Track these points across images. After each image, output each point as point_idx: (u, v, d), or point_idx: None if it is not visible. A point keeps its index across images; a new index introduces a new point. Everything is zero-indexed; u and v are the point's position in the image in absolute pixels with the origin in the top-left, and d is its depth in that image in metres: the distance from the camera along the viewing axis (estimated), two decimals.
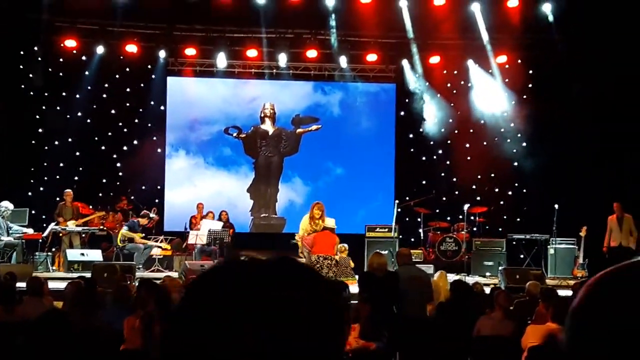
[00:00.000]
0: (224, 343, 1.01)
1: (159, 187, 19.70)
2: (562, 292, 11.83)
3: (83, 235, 16.61)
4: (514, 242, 17.44)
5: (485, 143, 19.57)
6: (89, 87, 19.25)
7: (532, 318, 8.55)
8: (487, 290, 11.16)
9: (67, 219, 16.52)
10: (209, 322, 1.03)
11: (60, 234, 16.48)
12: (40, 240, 16.15)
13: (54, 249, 16.54)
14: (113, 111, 19.55)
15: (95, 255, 15.62)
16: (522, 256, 17.30)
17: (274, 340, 1.00)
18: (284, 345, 1.00)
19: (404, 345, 9.19)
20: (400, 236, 16.97)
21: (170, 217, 19.13)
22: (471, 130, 19.73)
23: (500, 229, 18.43)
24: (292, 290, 1.05)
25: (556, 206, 16.53)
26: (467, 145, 19.74)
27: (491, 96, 19.55)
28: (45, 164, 19.15)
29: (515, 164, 19.47)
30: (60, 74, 19.18)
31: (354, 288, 12.35)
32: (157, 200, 19.16)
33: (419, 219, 18.16)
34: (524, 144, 19.41)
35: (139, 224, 16.56)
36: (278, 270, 1.09)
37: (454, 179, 19.81)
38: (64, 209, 16.70)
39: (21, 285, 10.12)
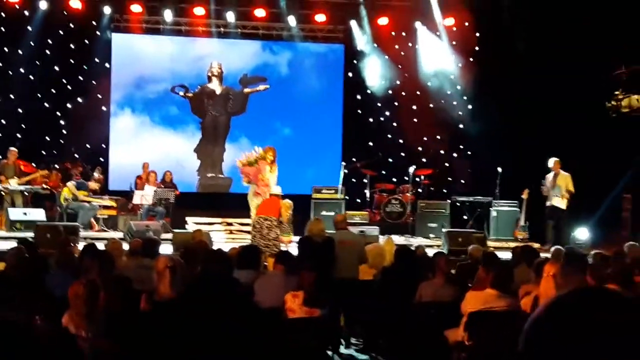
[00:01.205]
0: None
1: (103, 146, 19.46)
2: (503, 255, 12.10)
3: (26, 194, 16.36)
4: (458, 204, 17.70)
5: (431, 105, 19.72)
6: (32, 44, 18.83)
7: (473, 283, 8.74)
8: (431, 253, 11.37)
9: (9, 177, 16.24)
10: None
11: (2, 193, 16.21)
12: None
13: None
14: (57, 68, 19.18)
15: (38, 214, 15.43)
16: (465, 217, 17.58)
17: None
18: None
19: (347, 311, 9.38)
20: (347, 197, 17.10)
21: (115, 176, 18.95)
22: (418, 92, 19.85)
23: (444, 191, 18.69)
24: None
25: (499, 169, 16.81)
26: (414, 107, 19.87)
27: (438, 58, 19.66)
28: None
29: (461, 126, 19.67)
30: (2, 29, 18.72)
31: (291, 246, 12.64)
32: (101, 159, 18.96)
33: (365, 181, 18.30)
34: (470, 107, 19.61)
35: (89, 188, 16.35)
36: None
37: (401, 141, 19.95)
38: (6, 167, 16.39)
39: None
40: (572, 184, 15.42)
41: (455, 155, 19.96)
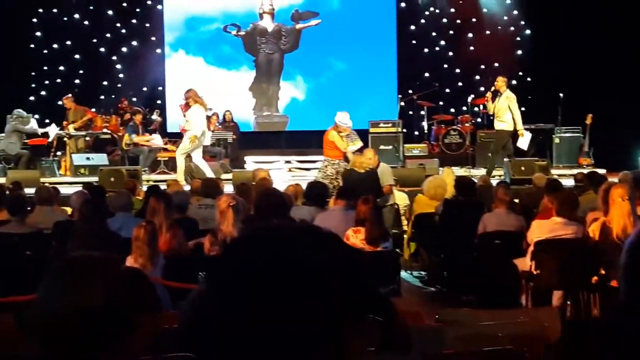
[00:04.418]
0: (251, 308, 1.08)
1: (160, 88, 19.57)
2: (567, 182, 11.93)
3: (87, 139, 16.60)
4: None
5: (488, 32, 19.25)
6: None
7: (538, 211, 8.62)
8: (493, 183, 11.23)
9: (70, 123, 16.52)
10: (237, 290, 1.10)
11: (65, 138, 16.47)
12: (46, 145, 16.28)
13: (59, 154, 16.60)
14: (110, 12, 19.26)
15: (101, 159, 15.66)
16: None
17: (296, 302, 1.07)
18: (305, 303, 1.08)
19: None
20: (404, 130, 16.90)
21: (173, 118, 19.06)
22: (474, 20, 19.40)
23: None
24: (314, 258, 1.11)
25: (561, 95, 16.44)
26: (470, 35, 19.45)
27: None
28: (45, 67, 19.02)
29: (519, 52, 19.23)
30: None
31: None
32: (159, 102, 19.10)
33: (422, 113, 18.06)
34: (528, 32, 19.13)
35: (137, 124, 16.43)
36: (301, 239, 1.14)
37: (457, 70, 19.59)
38: (68, 113, 16.68)
39: (30, 191, 10.19)
40: (514, 105, 14.00)
41: (514, 82, 19.54)
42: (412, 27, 19.92)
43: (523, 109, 18.72)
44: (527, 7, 18.77)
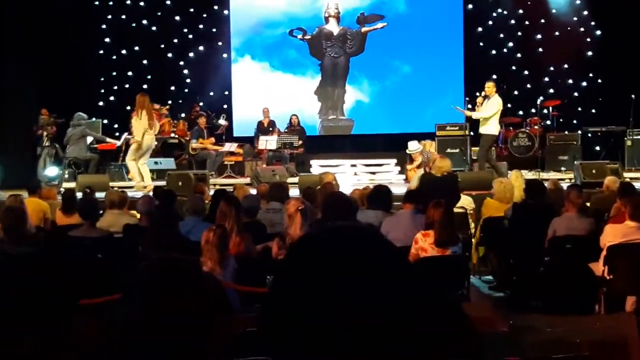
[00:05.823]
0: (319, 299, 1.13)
1: (226, 93, 19.74)
2: None
3: (155, 143, 16.79)
4: (589, 135, 17.04)
5: (557, 33, 18.90)
6: None
7: (610, 215, 8.42)
8: (564, 187, 11.01)
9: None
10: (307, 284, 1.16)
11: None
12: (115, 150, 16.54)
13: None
14: (177, 17, 19.52)
15: (168, 163, 15.88)
16: (597, 149, 16.93)
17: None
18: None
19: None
20: (471, 133, 16.70)
21: (239, 122, 19.21)
22: (542, 21, 19.08)
23: (574, 122, 18.03)
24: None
25: (633, 96, 16.05)
26: (539, 36, 19.14)
27: None
28: (114, 73, 19.35)
29: (590, 53, 18.83)
30: None
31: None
32: (225, 106, 19.27)
33: None
34: (598, 32, 18.72)
35: (201, 127, 16.61)
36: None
37: (526, 72, 19.29)
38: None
39: (99, 195, 10.39)
40: (493, 109, 13.95)
41: (584, 84, 19.15)
42: (479, 29, 19.68)
43: (594, 110, 18.42)
44: (598, 8, 18.36)
